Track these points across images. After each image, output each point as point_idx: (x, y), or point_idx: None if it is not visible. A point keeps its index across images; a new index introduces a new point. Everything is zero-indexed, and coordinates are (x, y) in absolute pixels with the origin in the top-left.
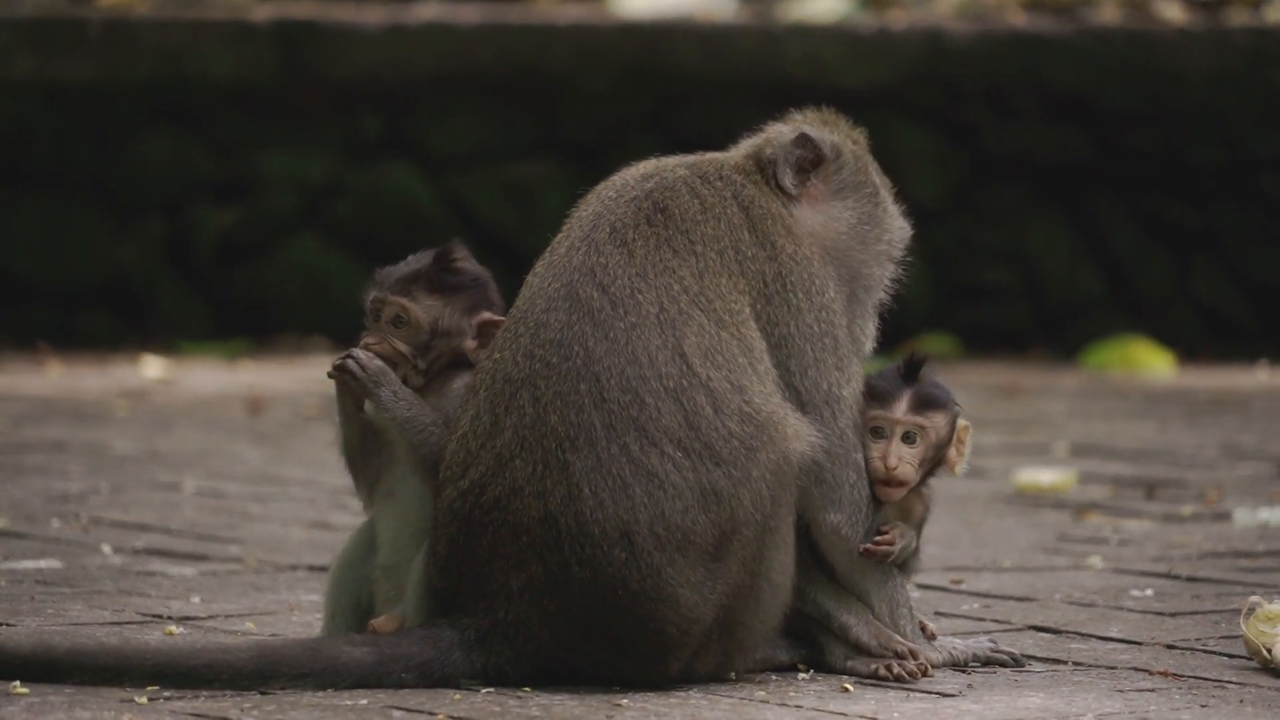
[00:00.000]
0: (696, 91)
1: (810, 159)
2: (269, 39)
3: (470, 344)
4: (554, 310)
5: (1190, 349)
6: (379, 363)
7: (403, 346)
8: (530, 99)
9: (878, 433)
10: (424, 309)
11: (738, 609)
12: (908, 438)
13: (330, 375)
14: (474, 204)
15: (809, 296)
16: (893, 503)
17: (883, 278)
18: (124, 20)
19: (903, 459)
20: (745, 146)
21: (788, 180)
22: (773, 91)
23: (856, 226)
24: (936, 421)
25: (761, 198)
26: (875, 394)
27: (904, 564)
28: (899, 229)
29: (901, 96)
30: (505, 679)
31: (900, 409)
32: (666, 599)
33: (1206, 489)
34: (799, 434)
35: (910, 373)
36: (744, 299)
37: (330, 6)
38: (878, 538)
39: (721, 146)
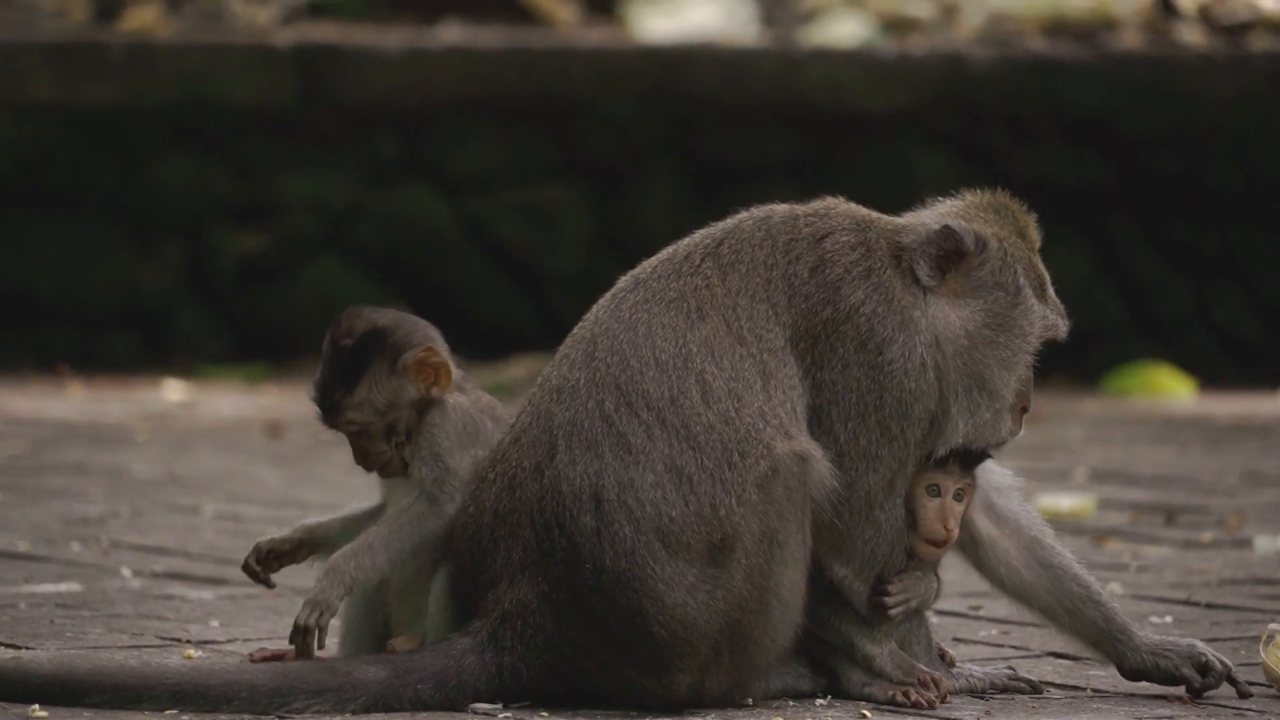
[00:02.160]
0: (717, 115)
1: (953, 253)
2: (290, 63)
3: (414, 391)
4: (599, 303)
5: (1210, 374)
6: (314, 602)
7: (381, 445)
8: (550, 122)
9: (932, 491)
10: (358, 408)
11: (746, 624)
12: (958, 495)
13: (294, 646)
14: (493, 227)
15: (862, 351)
16: (935, 560)
17: (1007, 379)
18: (145, 44)
19: (958, 519)
20: (901, 220)
21: (923, 272)
22: (793, 116)
23: (979, 329)
24: (976, 479)
25: (876, 271)
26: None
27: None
28: (1037, 331)
29: (921, 121)
30: (519, 680)
31: (955, 469)
32: (648, 593)
33: (1227, 515)
34: (807, 453)
35: None
36: (781, 330)
37: (351, 30)
38: (880, 588)
39: (741, 170)
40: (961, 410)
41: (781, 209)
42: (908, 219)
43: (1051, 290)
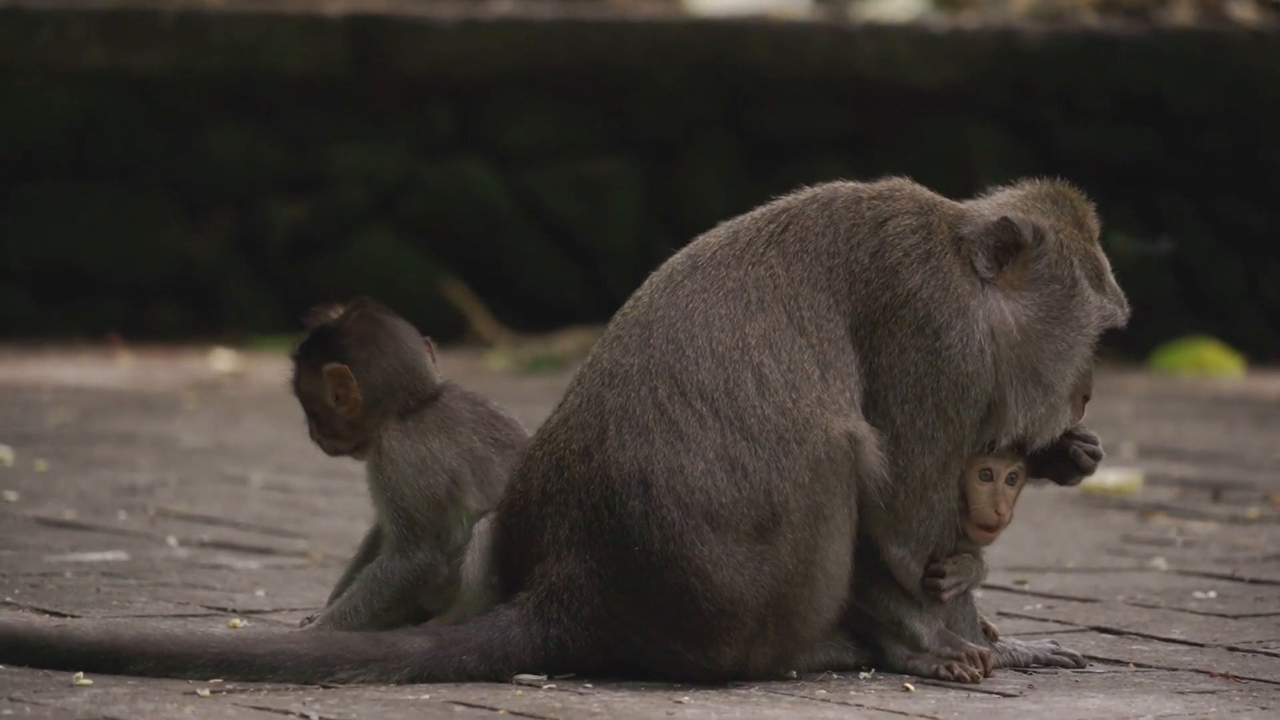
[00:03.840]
0: (769, 89)
1: (1010, 244)
2: (342, 32)
3: (329, 399)
4: (651, 281)
5: (1259, 351)
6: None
7: (310, 421)
8: (603, 95)
9: (984, 475)
10: (296, 380)
11: (791, 597)
12: (1010, 480)
13: None
14: (545, 200)
15: (920, 335)
16: (986, 544)
17: (1063, 372)
18: (197, 12)
19: (1010, 503)
20: (962, 207)
21: (981, 264)
22: (845, 90)
23: (1033, 323)
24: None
25: (937, 255)
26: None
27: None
28: (1094, 323)
29: (973, 96)
30: (564, 652)
31: (1007, 454)
32: (696, 572)
33: (1273, 492)
34: (860, 434)
35: None
36: (841, 319)
37: (404, 0)
38: (933, 568)
39: (793, 145)
40: (1018, 403)
41: (845, 190)
42: (968, 206)
43: (1111, 278)
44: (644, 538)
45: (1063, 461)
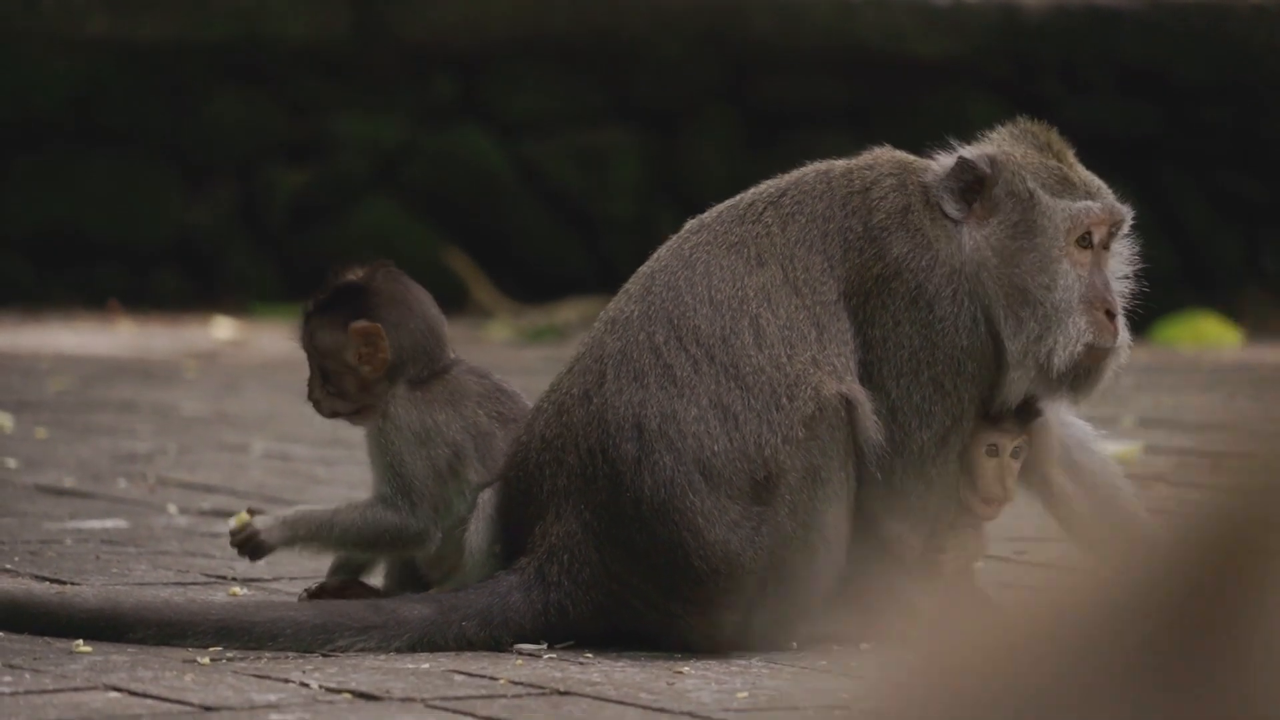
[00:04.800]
0: (772, 60)
1: (973, 182)
2: (344, 0)
3: (350, 358)
4: (664, 244)
5: (1259, 323)
6: (256, 535)
7: (315, 379)
8: (605, 64)
9: (990, 451)
10: (312, 335)
11: (791, 561)
12: (1015, 454)
13: (243, 556)
14: (546, 169)
15: (913, 308)
16: (991, 518)
17: (1046, 283)
18: None
19: (1015, 477)
20: (927, 161)
21: (950, 207)
22: (848, 61)
23: (1005, 242)
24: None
25: (914, 210)
26: (988, 414)
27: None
28: (1062, 224)
29: (975, 68)
30: (565, 617)
31: (1012, 428)
32: (688, 525)
33: None
34: (856, 398)
35: None
36: (835, 285)
37: None
38: (943, 544)
39: (796, 116)
40: (1009, 333)
41: (840, 163)
42: (938, 157)
43: (1080, 180)
44: (635, 484)
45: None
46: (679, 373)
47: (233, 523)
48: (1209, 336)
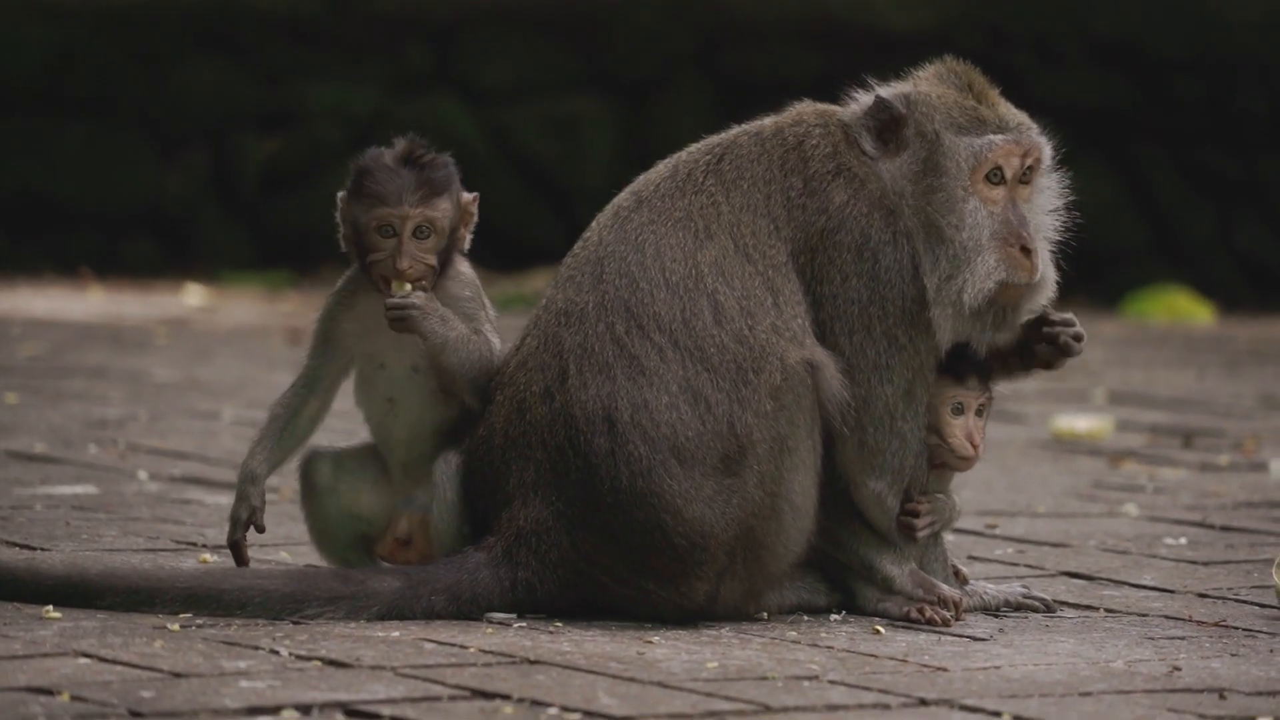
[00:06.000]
0: (744, 30)
1: (888, 120)
2: None
3: (464, 231)
4: (599, 220)
5: (1231, 299)
6: (421, 295)
7: (430, 259)
8: (577, 34)
9: (956, 409)
10: (442, 214)
11: (759, 530)
12: (979, 411)
13: (393, 325)
14: (518, 138)
15: (859, 259)
16: (964, 471)
17: (955, 222)
18: None
19: (982, 434)
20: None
21: (868, 145)
22: (820, 32)
23: (917, 178)
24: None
25: (842, 153)
26: (952, 371)
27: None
28: (965, 162)
29: (947, 41)
30: (533, 594)
31: (975, 385)
32: (667, 507)
33: (1243, 439)
34: (819, 361)
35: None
36: (783, 246)
37: None
38: (908, 507)
39: (768, 86)
40: (927, 270)
41: (768, 122)
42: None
43: (995, 118)
44: (611, 475)
45: (1047, 346)
46: (646, 363)
47: (396, 289)
48: (1182, 312)
